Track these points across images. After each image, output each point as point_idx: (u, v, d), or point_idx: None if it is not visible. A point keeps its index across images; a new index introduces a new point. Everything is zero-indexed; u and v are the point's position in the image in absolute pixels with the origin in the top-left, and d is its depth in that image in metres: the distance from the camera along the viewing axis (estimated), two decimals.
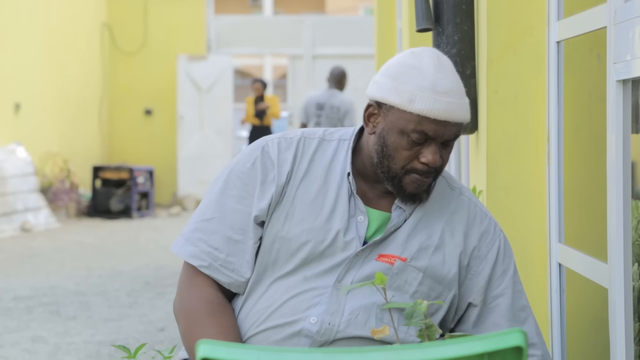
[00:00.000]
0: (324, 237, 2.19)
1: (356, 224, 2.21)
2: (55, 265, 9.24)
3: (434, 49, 2.20)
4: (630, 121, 2.34)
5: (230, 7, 31.94)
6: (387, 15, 8.77)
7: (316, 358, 1.50)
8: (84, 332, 6.31)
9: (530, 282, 3.14)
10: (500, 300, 2.24)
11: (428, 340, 1.93)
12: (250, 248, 2.21)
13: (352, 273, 2.18)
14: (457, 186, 2.30)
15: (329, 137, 2.29)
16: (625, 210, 2.34)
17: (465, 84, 3.27)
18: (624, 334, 2.35)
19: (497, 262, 2.25)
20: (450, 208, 2.26)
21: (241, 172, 2.25)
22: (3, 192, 11.94)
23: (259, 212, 2.21)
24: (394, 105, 2.14)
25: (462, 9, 3.28)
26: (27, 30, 13.21)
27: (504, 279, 2.25)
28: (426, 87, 2.12)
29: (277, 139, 2.28)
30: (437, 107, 2.11)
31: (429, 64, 2.15)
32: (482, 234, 2.26)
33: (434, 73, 2.13)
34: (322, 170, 2.24)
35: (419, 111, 2.11)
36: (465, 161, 4.54)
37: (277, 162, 2.23)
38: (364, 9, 33.56)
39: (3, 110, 12.67)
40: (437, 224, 2.23)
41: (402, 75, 2.15)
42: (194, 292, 2.22)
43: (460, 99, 2.15)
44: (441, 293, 2.22)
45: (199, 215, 2.26)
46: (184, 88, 15.73)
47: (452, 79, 2.15)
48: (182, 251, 2.24)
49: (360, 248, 2.18)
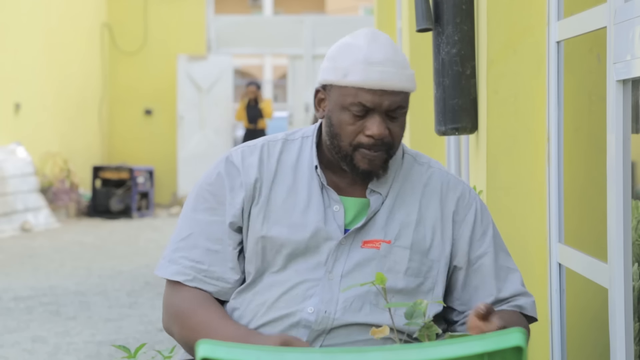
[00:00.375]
0: (304, 232, 2.22)
1: (333, 214, 2.24)
2: (55, 265, 9.24)
3: (373, 28, 2.26)
4: (630, 121, 2.34)
5: (230, 7, 31.94)
6: (387, 15, 8.77)
7: (316, 358, 1.50)
8: (84, 332, 6.31)
9: (530, 282, 3.14)
10: (484, 260, 2.27)
11: (428, 340, 1.93)
12: (230, 255, 2.26)
13: (340, 263, 2.21)
14: (424, 161, 2.34)
15: (292, 137, 2.34)
16: (625, 210, 2.34)
17: (465, 84, 3.27)
18: (624, 334, 2.35)
19: (475, 223, 2.29)
20: (423, 182, 2.30)
21: (208, 185, 2.30)
22: (3, 192, 11.94)
23: (233, 219, 2.26)
24: (333, 83, 2.20)
25: (462, 9, 3.28)
26: (27, 30, 13.21)
27: (485, 239, 2.28)
28: (359, 60, 2.17)
29: (241, 148, 2.33)
30: (370, 77, 2.16)
31: (363, 39, 2.21)
32: (459, 198, 2.30)
33: (367, 46, 2.19)
34: (290, 169, 2.29)
35: (353, 83, 2.17)
36: (465, 161, 4.54)
37: (242, 168, 2.28)
38: (364, 9, 33.56)
39: (3, 110, 12.67)
40: (413, 200, 2.27)
41: (339, 54, 2.21)
42: (179, 298, 2.25)
43: (396, 68, 2.18)
44: (432, 266, 2.25)
45: (176, 236, 2.30)
46: (184, 88, 15.72)
47: (387, 50, 2.19)
48: (166, 272, 2.28)
49: (342, 236, 2.22)
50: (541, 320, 3.12)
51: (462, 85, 3.27)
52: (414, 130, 5.64)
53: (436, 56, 3.34)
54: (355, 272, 2.21)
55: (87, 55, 15.27)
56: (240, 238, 2.27)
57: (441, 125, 3.34)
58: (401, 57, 2.21)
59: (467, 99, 3.28)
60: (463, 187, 2.32)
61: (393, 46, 2.21)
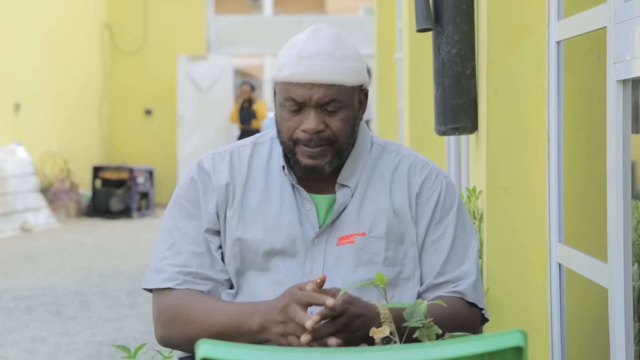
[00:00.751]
0: (279, 233, 2.22)
1: (306, 213, 2.24)
2: (55, 265, 9.24)
3: (323, 25, 2.23)
4: (630, 121, 2.34)
5: (230, 7, 31.94)
6: (387, 15, 8.77)
7: (316, 358, 1.50)
8: (84, 332, 6.31)
9: (530, 282, 3.14)
10: (437, 245, 2.24)
11: (428, 340, 1.93)
12: (216, 256, 2.26)
13: (319, 263, 2.21)
14: (394, 148, 2.32)
15: (262, 140, 2.34)
16: (625, 210, 2.34)
17: (465, 84, 3.27)
18: (624, 334, 2.35)
19: (436, 207, 2.26)
20: (391, 168, 2.28)
21: (183, 192, 2.30)
22: (3, 192, 11.94)
23: (209, 225, 2.26)
24: (274, 79, 2.21)
25: (462, 9, 3.28)
26: (27, 30, 13.21)
27: (442, 223, 2.25)
28: (293, 55, 2.17)
29: (211, 154, 2.33)
30: (299, 70, 2.15)
31: (304, 34, 2.20)
32: (424, 181, 2.27)
33: (304, 41, 2.18)
34: (261, 172, 2.28)
35: (284, 78, 2.17)
36: (465, 161, 4.54)
37: (213, 173, 2.28)
38: (364, 9, 33.57)
39: (3, 110, 12.67)
40: (383, 187, 2.25)
41: (281, 52, 2.21)
42: (171, 300, 2.22)
43: (328, 60, 2.15)
44: (406, 252, 2.23)
45: (160, 247, 2.29)
46: (184, 88, 15.72)
47: (323, 44, 2.17)
48: (154, 281, 2.26)
49: (313, 235, 2.21)
50: (541, 320, 3.12)
51: (462, 85, 3.27)
52: (414, 130, 5.64)
53: (436, 56, 3.34)
54: (335, 270, 2.20)
55: (87, 55, 15.27)
56: (219, 241, 2.26)
57: (441, 125, 3.34)
58: (343, 50, 2.17)
59: (467, 99, 3.28)
60: (430, 171, 2.29)
61: (334, 40, 2.18)
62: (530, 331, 3.06)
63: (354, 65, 2.18)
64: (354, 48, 2.22)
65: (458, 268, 2.24)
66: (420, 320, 1.92)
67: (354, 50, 2.22)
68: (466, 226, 2.29)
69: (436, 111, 3.36)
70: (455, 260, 2.25)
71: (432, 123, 3.63)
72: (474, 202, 3.28)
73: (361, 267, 2.21)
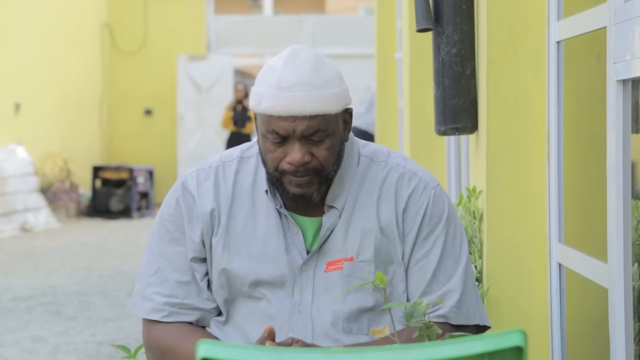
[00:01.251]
0: (265, 264, 2.16)
1: (292, 238, 2.17)
2: (55, 265, 9.24)
3: (299, 46, 2.14)
4: (630, 121, 2.34)
5: (230, 7, 31.93)
6: (387, 15, 8.77)
7: (316, 358, 1.50)
8: (84, 332, 6.31)
9: (530, 282, 3.14)
10: (423, 262, 2.17)
11: (428, 340, 1.93)
12: (202, 284, 2.21)
13: (308, 292, 2.16)
14: (382, 159, 2.22)
15: (248, 154, 2.24)
16: (625, 210, 2.34)
17: (465, 84, 3.27)
18: (624, 334, 2.35)
19: (422, 222, 2.17)
20: (379, 181, 2.19)
21: (169, 215, 2.23)
22: (3, 192, 11.94)
23: (194, 254, 2.20)
24: (252, 109, 2.11)
25: (462, 9, 3.28)
26: (27, 30, 13.21)
27: (429, 240, 2.17)
28: (272, 85, 2.07)
29: (196, 171, 2.24)
30: (278, 102, 2.05)
31: (281, 60, 2.10)
32: (410, 194, 2.18)
33: (281, 69, 2.08)
34: (247, 192, 2.20)
35: (264, 110, 2.07)
36: (465, 161, 4.54)
37: (197, 195, 2.20)
38: (364, 9, 33.56)
39: (3, 110, 12.67)
40: (370, 203, 2.18)
41: (259, 79, 2.12)
42: (159, 335, 2.21)
43: (308, 90, 2.05)
44: (395, 271, 2.17)
45: (145, 271, 2.25)
46: (183, 88, 15.72)
47: (301, 72, 2.07)
48: (141, 310, 2.24)
49: (301, 262, 2.15)
50: (541, 320, 3.12)
51: (462, 85, 3.27)
52: (414, 130, 5.64)
53: (436, 56, 3.33)
54: (324, 299, 2.16)
55: (87, 55, 15.27)
56: (205, 269, 2.21)
57: (441, 125, 3.34)
58: (321, 76, 2.07)
59: (467, 99, 3.28)
60: (417, 183, 2.19)
61: (312, 65, 2.08)
62: (530, 331, 3.06)
63: (335, 91, 2.08)
64: (334, 69, 2.12)
65: (444, 286, 2.17)
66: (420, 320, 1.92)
67: (335, 72, 2.11)
68: (456, 238, 2.20)
69: (436, 111, 3.36)
70: (442, 277, 2.17)
71: (432, 123, 3.63)
72: (474, 202, 3.28)
73: (351, 295, 2.16)
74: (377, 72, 9.04)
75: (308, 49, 2.13)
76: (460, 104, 3.27)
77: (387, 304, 2.00)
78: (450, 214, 2.21)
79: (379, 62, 9.02)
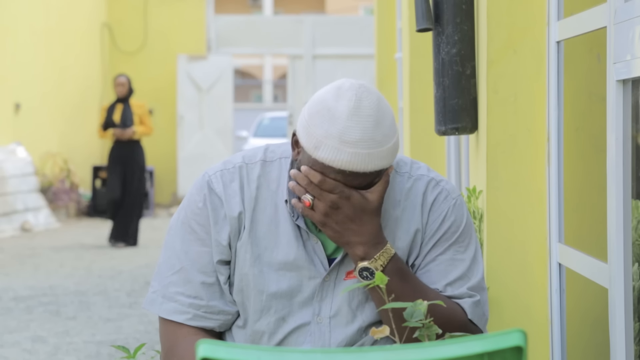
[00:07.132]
0: (286, 270, 2.14)
1: (313, 247, 2.14)
2: (55, 265, 9.24)
3: (362, 87, 2.05)
4: (630, 121, 2.34)
5: (230, 7, 31.93)
6: (387, 15, 8.77)
7: (316, 358, 1.50)
8: (84, 332, 6.31)
9: (530, 282, 3.14)
10: (431, 266, 2.16)
11: (428, 340, 1.93)
12: (225, 287, 2.17)
13: (327, 302, 2.15)
14: (405, 170, 2.20)
15: (271, 157, 2.19)
16: (625, 210, 2.34)
17: (465, 84, 3.27)
18: (624, 334, 2.35)
19: (440, 227, 2.16)
20: (404, 193, 2.17)
21: (195, 215, 2.18)
22: (3, 192, 11.94)
23: (220, 256, 2.16)
24: (303, 147, 2.05)
25: (462, 9, 3.28)
26: (27, 30, 13.21)
27: (443, 245, 2.16)
28: (333, 135, 2.00)
29: (220, 171, 2.18)
30: (340, 157, 2.00)
31: (345, 108, 2.01)
32: (433, 201, 2.17)
33: (345, 120, 2.00)
34: (270, 196, 2.16)
35: (322, 159, 2.01)
36: (465, 161, 4.54)
37: (224, 197, 2.15)
38: (364, 9, 33.58)
39: (3, 110, 12.67)
40: (393, 214, 2.16)
41: (315, 117, 2.03)
42: (181, 344, 2.15)
43: (371, 148, 2.01)
44: None
45: (167, 269, 2.20)
46: (184, 88, 15.73)
47: (365, 126, 2.00)
48: (161, 310, 2.18)
49: (324, 272, 2.13)
50: (541, 320, 3.12)
51: (462, 85, 3.27)
52: (414, 130, 5.64)
53: (436, 56, 3.34)
54: (342, 309, 2.15)
55: (87, 55, 15.27)
56: (228, 272, 2.17)
57: (441, 125, 3.34)
58: (382, 129, 2.02)
59: (467, 98, 3.28)
60: (439, 192, 2.18)
61: (375, 117, 2.02)
62: (530, 331, 3.06)
63: (393, 143, 2.04)
64: (390, 114, 2.06)
65: (459, 289, 2.15)
66: (420, 320, 1.92)
67: (391, 117, 2.06)
68: (469, 249, 2.19)
69: (436, 111, 3.36)
70: (457, 284, 2.16)
71: (432, 123, 3.63)
72: (474, 202, 3.28)
73: (369, 303, 2.15)
74: (377, 72, 9.04)
75: (370, 93, 2.04)
76: (460, 103, 3.27)
77: (387, 304, 2.01)
78: (468, 223, 2.20)
79: (379, 62, 9.02)
